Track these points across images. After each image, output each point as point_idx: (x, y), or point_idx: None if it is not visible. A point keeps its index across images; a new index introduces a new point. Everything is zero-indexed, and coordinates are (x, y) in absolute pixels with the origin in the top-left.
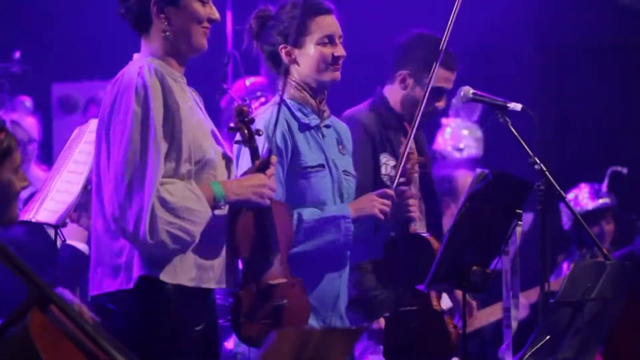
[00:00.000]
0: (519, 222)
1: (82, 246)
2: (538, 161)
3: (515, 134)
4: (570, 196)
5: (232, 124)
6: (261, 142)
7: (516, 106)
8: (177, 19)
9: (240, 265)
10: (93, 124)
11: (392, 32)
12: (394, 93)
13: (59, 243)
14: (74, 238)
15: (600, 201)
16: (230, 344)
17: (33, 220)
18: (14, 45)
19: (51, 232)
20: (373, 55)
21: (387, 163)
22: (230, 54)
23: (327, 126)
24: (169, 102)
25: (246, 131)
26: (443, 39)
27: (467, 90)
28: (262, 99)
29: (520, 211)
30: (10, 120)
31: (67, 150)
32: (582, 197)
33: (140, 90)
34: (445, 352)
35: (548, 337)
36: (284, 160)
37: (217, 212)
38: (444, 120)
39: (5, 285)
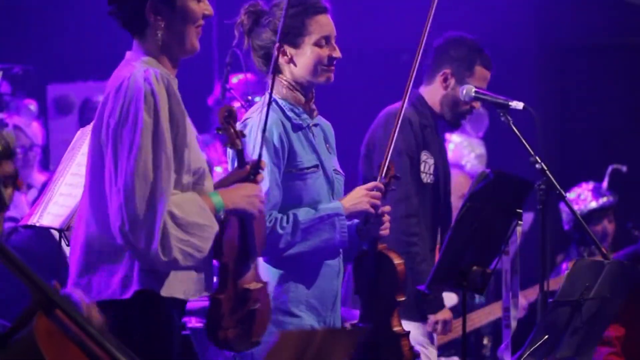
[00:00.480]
0: (519, 222)
1: None
2: (539, 160)
3: (517, 132)
4: (572, 195)
5: (219, 126)
6: (257, 144)
7: (518, 104)
8: (174, 20)
9: (217, 266)
10: None
11: (386, 32)
12: (432, 93)
13: (63, 247)
14: None
15: (604, 199)
16: None
17: (37, 224)
18: (10, 47)
19: (56, 235)
20: (365, 55)
21: (426, 161)
22: (233, 52)
23: (315, 125)
24: (174, 110)
25: (233, 132)
26: (422, 39)
27: (469, 89)
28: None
29: (521, 211)
30: (13, 124)
31: (69, 152)
32: (585, 196)
33: (150, 99)
34: None
35: (547, 336)
36: (281, 163)
37: None
38: (447, 135)
39: (11, 289)
